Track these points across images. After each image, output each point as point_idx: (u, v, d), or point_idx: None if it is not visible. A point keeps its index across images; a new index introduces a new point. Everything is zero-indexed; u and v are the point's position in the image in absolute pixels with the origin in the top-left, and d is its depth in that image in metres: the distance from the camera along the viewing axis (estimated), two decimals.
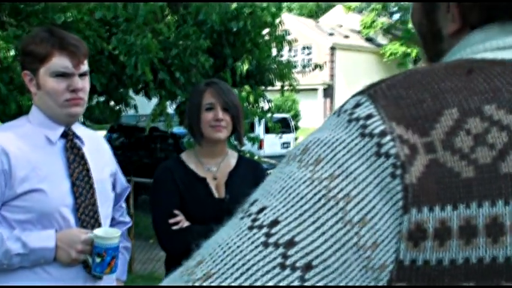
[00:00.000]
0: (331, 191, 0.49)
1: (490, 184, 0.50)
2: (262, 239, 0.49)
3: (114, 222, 1.98)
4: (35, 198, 1.61)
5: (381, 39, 31.05)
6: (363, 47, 29.74)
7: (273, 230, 0.49)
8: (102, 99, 5.79)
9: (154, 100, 5.86)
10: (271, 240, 0.48)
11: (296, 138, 16.52)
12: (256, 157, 5.80)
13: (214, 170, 2.06)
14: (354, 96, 0.56)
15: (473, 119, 0.51)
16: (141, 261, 5.95)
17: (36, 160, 1.64)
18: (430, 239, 0.49)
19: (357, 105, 0.53)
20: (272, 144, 13.70)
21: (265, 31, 6.24)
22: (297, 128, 20.05)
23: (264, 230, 0.49)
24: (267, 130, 11.93)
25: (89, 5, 4.86)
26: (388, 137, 0.50)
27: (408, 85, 0.54)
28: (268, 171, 4.19)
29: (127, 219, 2.06)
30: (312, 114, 26.39)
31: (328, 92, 27.35)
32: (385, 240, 0.49)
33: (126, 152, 9.96)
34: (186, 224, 1.95)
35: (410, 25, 28.26)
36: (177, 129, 7.14)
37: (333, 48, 27.41)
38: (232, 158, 2.12)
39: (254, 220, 0.50)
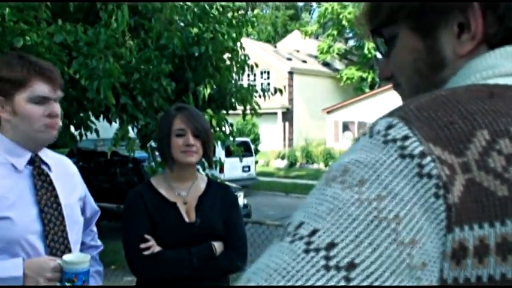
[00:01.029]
0: (382, 212, 0.50)
1: None
2: (322, 262, 0.48)
3: (85, 247, 1.95)
4: (2, 226, 1.58)
5: (338, 64, 31.74)
6: (320, 72, 30.31)
7: (332, 253, 0.48)
8: (60, 123, 5.69)
9: (114, 124, 5.80)
10: (332, 263, 0.48)
11: (256, 162, 16.57)
12: (219, 180, 5.80)
13: (185, 194, 2.07)
14: (382, 118, 0.56)
15: (504, 140, 0.53)
16: None
17: (2, 188, 1.61)
18: (470, 256, 0.50)
19: (390, 127, 0.54)
20: (232, 168, 13.72)
21: (226, 56, 6.31)
22: (257, 151, 20.15)
23: (322, 252, 0.48)
24: (228, 154, 11.95)
25: (49, 28, 4.81)
26: (429, 158, 0.51)
27: (436, 107, 0.55)
28: (237, 194, 4.19)
29: (98, 243, 2.04)
30: (271, 137, 26.58)
31: (287, 115, 27.64)
32: (431, 260, 0.50)
33: (85, 177, 9.74)
34: (157, 249, 1.95)
35: (366, 51, 29.02)
36: (138, 154, 7.06)
37: (291, 73, 27.81)
38: (201, 182, 2.14)
39: (308, 243, 0.50)
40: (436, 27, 0.67)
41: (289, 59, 29.41)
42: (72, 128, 5.63)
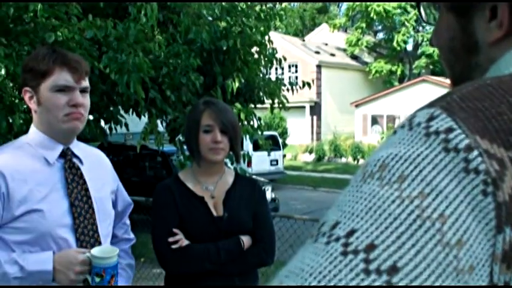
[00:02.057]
0: (425, 210, 0.46)
1: None
2: (362, 265, 0.44)
3: (117, 240, 1.97)
4: (33, 219, 1.60)
5: (366, 58, 31.40)
6: (348, 65, 30.05)
7: (372, 256, 0.45)
8: (91, 117, 5.79)
9: (144, 118, 5.86)
10: (372, 266, 0.44)
11: (284, 156, 16.55)
12: (247, 174, 5.81)
13: (212, 188, 2.07)
14: (422, 109, 0.53)
15: None
16: (133, 280, 5.90)
17: (34, 181, 1.64)
18: None
19: (431, 118, 0.50)
20: (260, 161, 13.72)
21: (254, 49, 6.30)
22: (284, 145, 20.11)
23: (361, 255, 0.45)
24: (255, 147, 11.96)
25: (80, 23, 4.88)
26: (476, 152, 0.47)
27: (482, 97, 0.51)
28: (265, 188, 4.19)
29: (131, 236, 2.06)
30: (299, 131, 26.50)
31: (315, 109, 27.51)
32: (480, 262, 0.46)
33: (115, 171, 9.88)
34: (185, 242, 1.96)
35: (395, 44, 28.65)
36: (166, 147, 7.13)
37: (319, 66, 27.65)
38: (229, 176, 2.13)
39: (345, 245, 0.46)
40: (471, 9, 0.64)
41: (317, 53, 29.23)
42: (102, 122, 5.71)
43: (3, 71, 4.75)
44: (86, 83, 1.72)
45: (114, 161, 10.24)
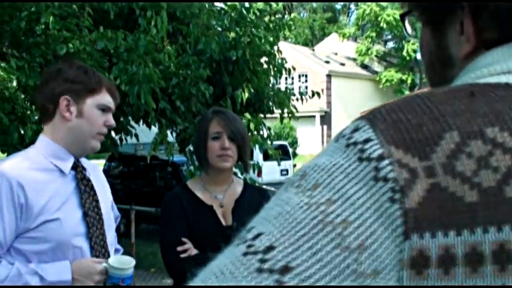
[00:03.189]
0: (329, 215, 0.47)
1: (496, 209, 0.47)
2: (256, 265, 0.46)
3: None
4: (51, 228, 1.63)
5: (376, 67, 31.38)
6: (358, 74, 30.04)
7: (268, 256, 0.47)
8: None
9: (154, 128, 5.89)
10: (266, 266, 0.46)
11: (294, 165, 16.53)
12: (257, 184, 5.81)
13: (221, 197, 2.07)
14: (354, 121, 0.55)
15: (475, 142, 0.49)
16: None
17: (50, 191, 1.66)
18: (433, 266, 0.47)
19: (356, 130, 0.53)
20: (270, 171, 13.71)
21: (263, 59, 6.32)
22: (295, 155, 20.10)
23: (259, 256, 0.47)
24: (265, 157, 11.96)
25: (91, 35, 4.92)
26: (386, 161, 0.49)
27: (408, 109, 0.52)
28: None
29: (119, 246, 2.08)
30: (309, 141, 26.48)
31: (326, 119, 27.49)
32: (386, 267, 0.47)
33: (125, 181, 9.93)
34: (194, 252, 1.96)
35: (404, 53, 28.63)
36: (177, 158, 7.15)
37: (329, 76, 27.66)
38: (238, 185, 2.13)
39: (249, 246, 0.48)
40: (444, 23, 0.64)
41: (327, 62, 29.25)
42: (112, 133, 5.74)
43: (15, 83, 4.80)
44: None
45: (124, 171, 10.33)
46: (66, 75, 1.75)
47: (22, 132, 4.71)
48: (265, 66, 6.27)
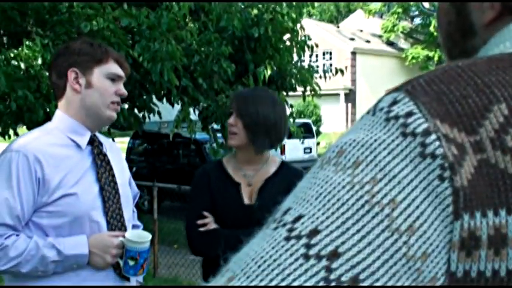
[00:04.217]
0: (375, 196, 0.45)
1: None
2: (302, 250, 0.44)
3: None
4: (68, 202, 1.65)
5: (403, 44, 30.85)
6: (384, 52, 29.59)
7: (313, 241, 0.44)
8: (126, 106, 5.88)
9: (177, 106, 5.92)
10: (312, 251, 0.43)
11: (318, 143, 16.48)
12: None
13: (251, 176, 2.07)
14: (389, 93, 0.51)
15: None
16: (166, 266, 6.01)
17: (67, 166, 1.68)
18: (484, 247, 0.44)
19: (394, 103, 0.49)
20: (294, 149, 13.69)
21: (286, 37, 6.26)
22: (318, 133, 20.02)
23: (303, 240, 0.44)
24: (289, 135, 11.93)
25: (114, 12, 4.94)
26: (433, 136, 0.46)
27: (449, 80, 0.49)
28: None
29: (138, 223, 2.10)
30: (333, 119, 26.32)
31: (350, 96, 27.25)
32: (435, 250, 0.44)
33: (149, 158, 10.05)
34: (213, 226, 1.98)
35: (432, 29, 28.05)
36: (200, 135, 7.19)
37: (354, 53, 27.32)
38: (272, 165, 2.11)
39: (290, 230, 0.45)
40: None
41: (352, 39, 28.86)
42: (136, 110, 5.79)
43: (39, 61, 4.86)
44: (125, 77, 1.86)
45: (148, 149, 10.42)
46: (72, 49, 1.78)
47: (48, 110, 4.78)
48: (287, 43, 6.22)
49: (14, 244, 1.59)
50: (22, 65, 4.90)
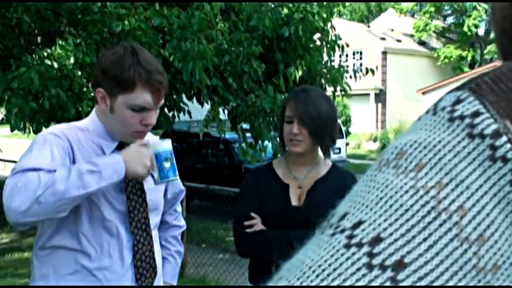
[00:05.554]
0: (442, 202, 0.41)
1: None
2: (364, 259, 0.40)
3: (167, 226, 2.01)
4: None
5: (435, 43, 30.37)
6: (415, 51, 29.17)
7: (377, 249, 0.41)
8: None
9: (206, 106, 5.93)
10: (376, 261, 0.40)
11: (347, 144, 16.36)
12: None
13: (301, 178, 2.05)
14: (450, 92, 0.48)
15: None
16: (194, 265, 6.03)
17: None
18: None
19: (458, 102, 0.46)
20: None
21: (316, 36, 6.22)
22: (348, 133, 19.87)
23: (365, 248, 0.41)
24: None
25: (145, 12, 4.98)
26: (504, 138, 0.43)
27: None
28: None
29: (182, 223, 2.08)
30: (363, 119, 26.08)
31: (380, 97, 26.94)
32: (506, 261, 0.41)
33: (178, 157, 10.12)
34: (259, 227, 1.97)
35: (465, 28, 27.55)
36: (229, 135, 7.19)
37: (384, 53, 27.01)
38: (323, 167, 2.08)
39: (350, 237, 0.42)
40: None
41: (383, 39, 28.54)
42: (165, 110, 5.83)
43: (72, 60, 4.93)
44: (162, 101, 1.70)
45: (177, 148, 10.49)
46: (103, 63, 1.65)
47: (80, 108, 4.85)
48: (318, 43, 6.17)
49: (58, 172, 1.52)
50: (55, 64, 4.99)
